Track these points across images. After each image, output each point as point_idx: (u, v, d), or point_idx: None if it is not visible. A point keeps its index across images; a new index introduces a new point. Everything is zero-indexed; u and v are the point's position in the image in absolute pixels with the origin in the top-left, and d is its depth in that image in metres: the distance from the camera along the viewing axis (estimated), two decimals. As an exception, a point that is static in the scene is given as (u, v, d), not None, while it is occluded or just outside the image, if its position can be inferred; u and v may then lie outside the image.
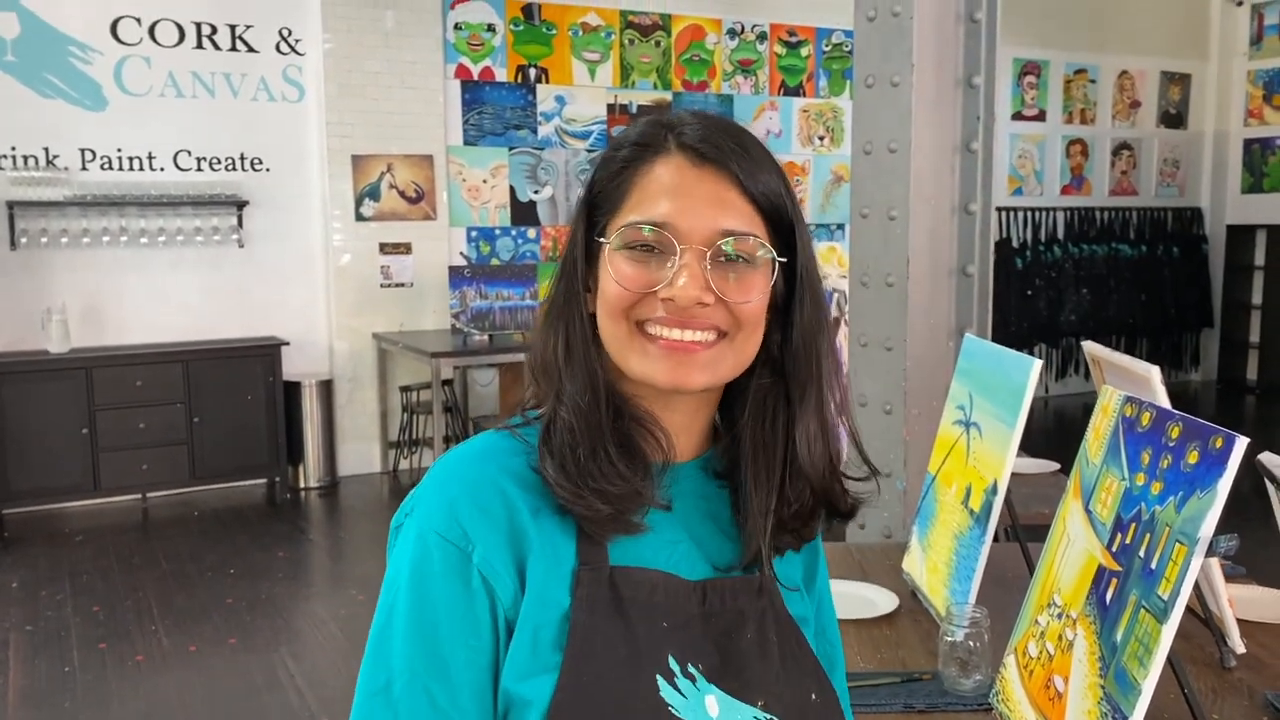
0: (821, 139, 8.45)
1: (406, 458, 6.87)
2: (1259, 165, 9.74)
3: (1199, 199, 10.14)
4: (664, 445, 0.92)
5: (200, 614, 4.34)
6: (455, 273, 6.81)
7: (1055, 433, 7.96)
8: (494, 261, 7.19)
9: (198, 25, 6.26)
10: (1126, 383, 1.55)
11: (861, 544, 2.37)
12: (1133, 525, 1.15)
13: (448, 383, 6.72)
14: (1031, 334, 9.16)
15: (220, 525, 5.69)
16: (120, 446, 5.86)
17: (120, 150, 6.13)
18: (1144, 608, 1.07)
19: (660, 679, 0.85)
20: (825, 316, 0.96)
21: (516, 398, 0.99)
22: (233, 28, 6.34)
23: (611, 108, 7.53)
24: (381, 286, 6.81)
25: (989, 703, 1.42)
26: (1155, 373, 1.47)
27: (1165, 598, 1.04)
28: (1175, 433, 1.12)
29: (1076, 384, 9.35)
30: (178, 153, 6.26)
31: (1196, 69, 9.90)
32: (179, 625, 4.22)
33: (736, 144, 0.90)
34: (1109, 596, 1.15)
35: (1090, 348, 1.82)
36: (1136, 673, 1.06)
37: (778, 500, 0.94)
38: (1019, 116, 9.10)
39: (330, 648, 4.05)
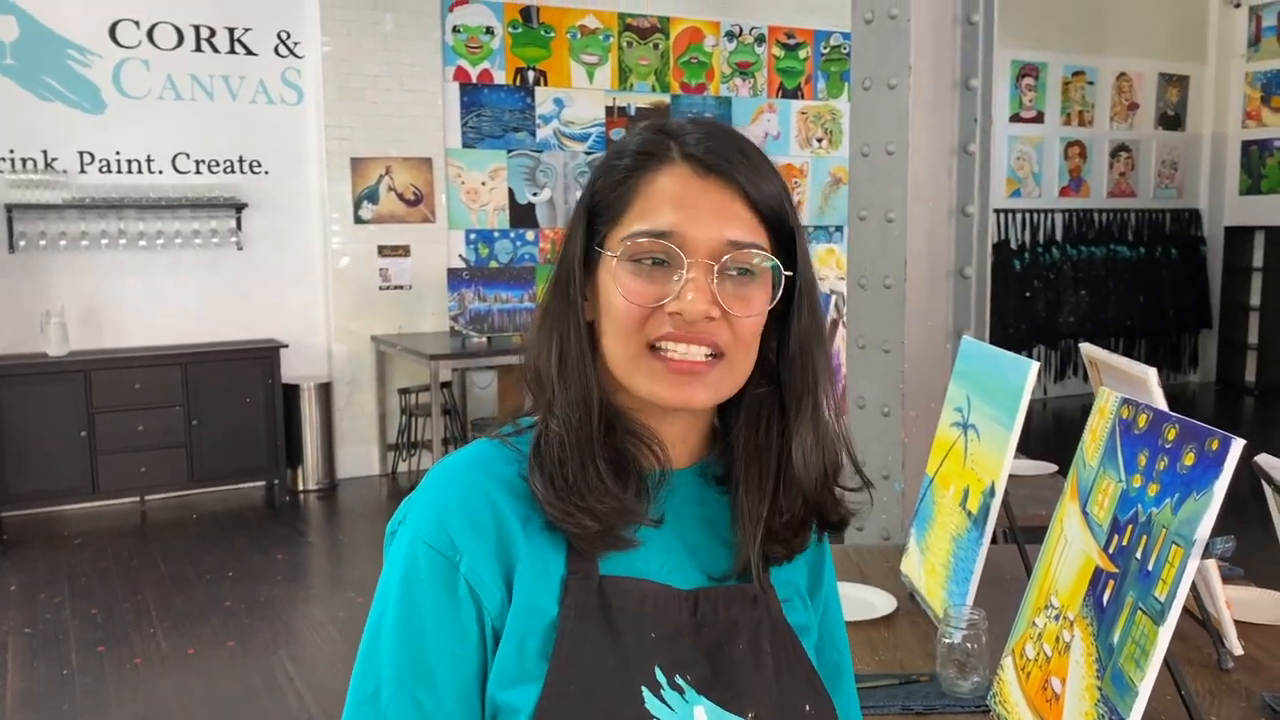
0: (820, 141, 8.45)
1: (405, 460, 6.87)
2: (1257, 167, 9.75)
3: (1197, 201, 10.14)
4: (659, 455, 0.91)
5: (199, 616, 4.34)
6: (454, 275, 6.81)
7: (1053, 434, 7.95)
8: (493, 264, 7.19)
9: (196, 28, 6.26)
10: (1124, 384, 1.55)
11: (859, 546, 2.38)
12: (1130, 527, 1.15)
13: (446, 385, 6.72)
14: (1030, 336, 9.16)
15: (219, 528, 5.69)
16: (119, 449, 5.86)
17: (119, 153, 6.13)
18: (1141, 609, 1.07)
19: (646, 691, 0.85)
20: (822, 325, 0.96)
21: (515, 400, 0.98)
22: (231, 30, 6.34)
23: (610, 110, 7.54)
24: (380, 289, 6.81)
25: (986, 704, 1.43)
26: (1152, 374, 1.47)
27: (1162, 599, 1.04)
28: (1172, 434, 1.12)
29: (1075, 386, 9.34)
30: (176, 155, 6.27)
31: (1194, 71, 9.91)
32: (178, 628, 4.22)
33: (740, 153, 0.89)
34: (1106, 598, 1.15)
35: (1087, 349, 1.82)
36: (1133, 674, 1.06)
37: (769, 509, 0.93)
38: (1017, 118, 9.11)
39: (329, 650, 4.05)
